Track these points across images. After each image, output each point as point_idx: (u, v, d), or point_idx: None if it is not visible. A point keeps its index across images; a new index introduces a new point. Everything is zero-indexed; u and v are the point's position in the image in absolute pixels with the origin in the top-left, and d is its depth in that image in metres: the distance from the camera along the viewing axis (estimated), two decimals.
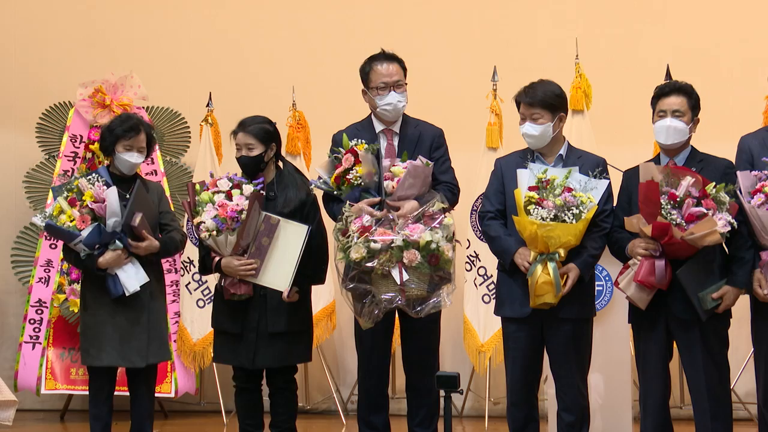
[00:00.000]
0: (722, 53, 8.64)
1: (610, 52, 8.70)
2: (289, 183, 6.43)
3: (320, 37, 9.28)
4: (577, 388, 5.94)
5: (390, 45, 6.43)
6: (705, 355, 5.80)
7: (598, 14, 8.95)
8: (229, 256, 6.21)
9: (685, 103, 5.89)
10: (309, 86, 8.80)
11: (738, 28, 8.74)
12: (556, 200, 5.68)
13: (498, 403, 8.19)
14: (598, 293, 6.70)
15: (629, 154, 6.37)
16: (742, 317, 6.01)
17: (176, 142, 8.98)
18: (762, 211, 5.60)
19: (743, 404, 8.01)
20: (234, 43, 9.37)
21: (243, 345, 6.27)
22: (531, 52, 8.73)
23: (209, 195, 6.22)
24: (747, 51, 8.31)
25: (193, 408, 8.94)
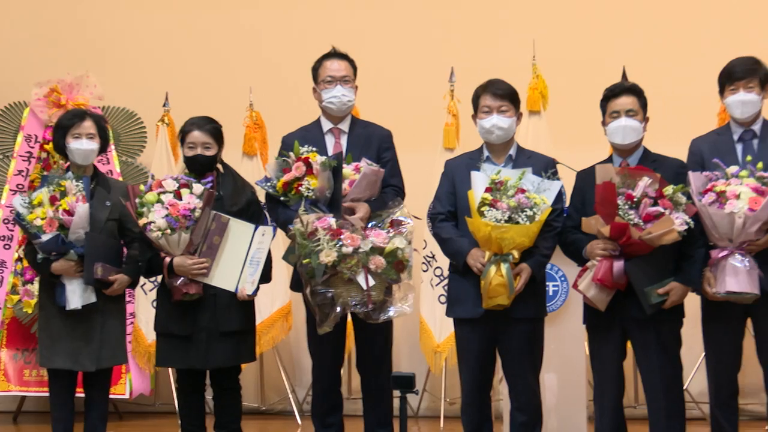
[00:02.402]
0: (676, 56, 8.70)
1: (566, 53, 8.73)
2: (233, 183, 6.43)
3: (277, 37, 9.27)
4: (530, 387, 5.96)
5: (347, 46, 6.45)
6: (660, 354, 5.84)
7: (555, 16, 8.98)
8: (181, 255, 6.19)
9: (637, 103, 5.95)
10: (266, 86, 8.79)
11: (692, 31, 8.80)
12: (509, 202, 5.69)
13: (453, 404, 8.20)
14: (553, 294, 6.75)
15: (586, 155, 6.37)
16: (696, 317, 6.05)
17: (132, 142, 8.94)
18: (713, 209, 5.65)
19: (696, 404, 8.06)
20: (191, 43, 9.34)
21: (194, 346, 6.24)
22: (488, 53, 8.74)
23: (155, 195, 6.19)
24: (700, 53, 8.36)
25: (147, 409, 8.91)
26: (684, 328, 5.96)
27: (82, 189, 6.31)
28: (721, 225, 5.67)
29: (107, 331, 6.44)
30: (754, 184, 5.67)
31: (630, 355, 6.08)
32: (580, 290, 5.82)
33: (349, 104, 6.37)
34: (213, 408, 6.52)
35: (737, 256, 5.69)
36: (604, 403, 5.98)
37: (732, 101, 5.97)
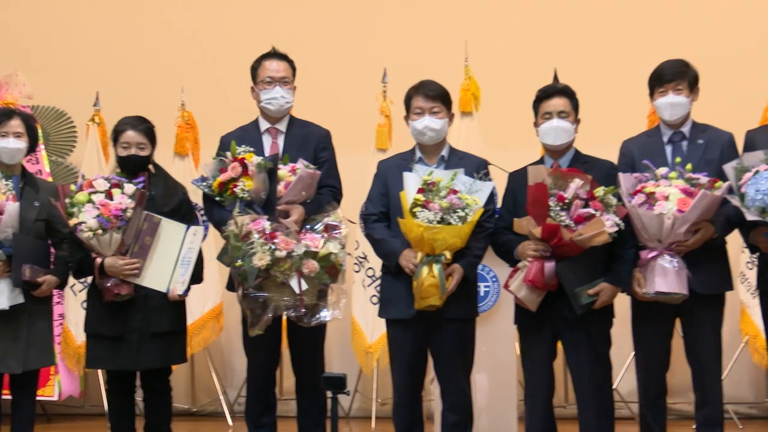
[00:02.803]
0: (607, 58, 8.78)
1: (498, 55, 8.77)
2: (165, 183, 6.40)
3: (209, 36, 9.24)
4: (461, 388, 5.98)
5: (280, 46, 6.42)
6: (590, 354, 5.88)
7: (488, 17, 9.02)
8: (112, 256, 6.14)
9: (569, 104, 5.99)
10: (198, 86, 8.75)
11: (623, 33, 8.89)
12: (441, 203, 5.70)
13: (385, 404, 8.22)
14: (485, 294, 6.78)
15: (518, 156, 6.40)
16: (625, 317, 6.11)
17: (62, 141, 8.86)
18: (642, 210, 5.71)
19: (625, 403, 8.14)
20: (122, 43, 9.28)
21: (125, 347, 6.20)
22: (421, 54, 8.77)
23: (86, 195, 6.13)
24: (630, 56, 8.44)
25: (77, 411, 8.84)
26: (613, 329, 6.00)
27: (11, 188, 6.24)
28: (650, 226, 5.72)
29: (34, 333, 6.36)
30: (683, 185, 5.73)
31: (560, 355, 6.11)
32: (512, 291, 5.84)
33: (287, 106, 6.34)
34: (143, 410, 6.48)
35: (666, 256, 5.74)
36: (534, 403, 6.01)
37: (661, 103, 6.03)
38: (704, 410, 6.02)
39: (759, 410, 8.45)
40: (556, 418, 6.09)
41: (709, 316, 5.98)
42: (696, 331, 5.98)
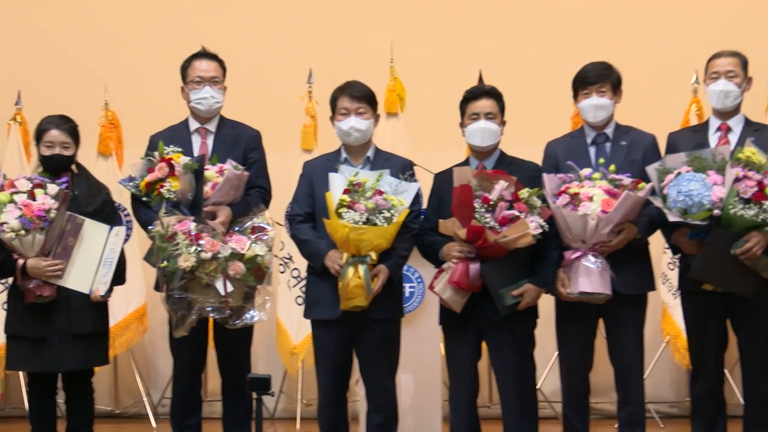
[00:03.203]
0: (532, 59, 8.84)
1: (424, 56, 8.80)
2: (88, 183, 6.34)
3: (133, 35, 9.16)
4: (386, 388, 5.99)
5: (205, 45, 6.39)
6: (514, 355, 5.91)
7: (413, 19, 9.04)
8: (35, 257, 6.07)
9: (496, 106, 6.02)
10: (122, 85, 8.68)
11: (547, 35, 8.95)
12: (367, 203, 5.71)
13: (310, 405, 8.21)
14: (410, 295, 6.78)
15: (443, 157, 6.43)
16: (549, 317, 6.15)
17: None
18: (566, 211, 5.75)
19: (549, 403, 8.19)
20: (45, 41, 9.17)
21: (47, 348, 6.12)
22: (346, 54, 8.77)
23: (8, 196, 6.06)
24: (556, 57, 8.49)
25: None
26: (537, 329, 6.05)
27: None
28: (574, 226, 5.77)
29: None
30: (607, 186, 5.78)
31: (485, 356, 6.14)
32: (436, 292, 5.85)
33: (217, 105, 6.31)
34: (65, 412, 6.41)
35: (590, 257, 5.79)
36: (458, 403, 6.04)
37: (585, 105, 6.08)
38: (626, 409, 6.07)
39: (680, 409, 8.53)
40: (480, 418, 6.12)
41: (631, 316, 6.04)
42: (618, 331, 6.04)
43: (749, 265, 5.75)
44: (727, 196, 5.63)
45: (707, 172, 5.70)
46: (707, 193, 5.63)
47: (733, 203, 5.62)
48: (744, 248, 5.69)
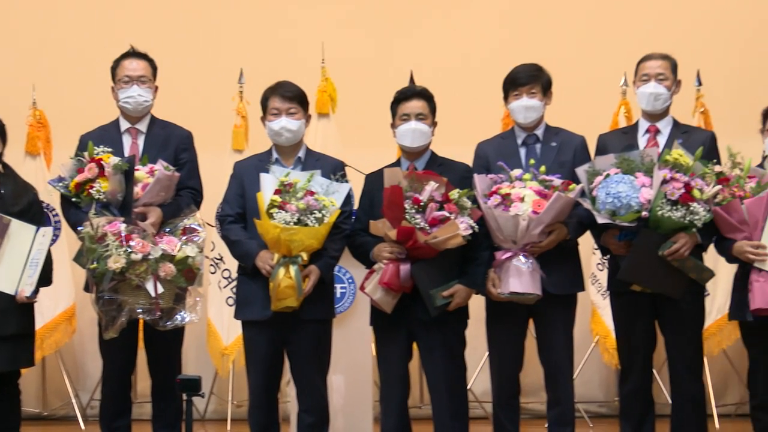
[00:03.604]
0: (463, 61, 8.87)
1: (355, 56, 8.80)
2: (15, 183, 6.26)
3: (62, 34, 9.06)
4: (317, 389, 5.98)
5: (136, 45, 6.36)
6: (445, 355, 5.93)
7: (345, 19, 9.04)
8: None
9: (427, 107, 6.03)
10: (50, 84, 8.58)
11: (478, 36, 8.99)
12: (298, 204, 5.70)
13: (241, 406, 8.17)
14: (341, 295, 6.78)
15: (374, 158, 6.44)
16: (480, 318, 6.17)
17: None
18: (497, 211, 5.77)
19: (480, 403, 8.22)
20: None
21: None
22: (277, 55, 8.75)
23: None
24: (487, 59, 8.53)
25: None
26: (468, 329, 6.07)
27: None
28: (505, 227, 5.80)
29: None
30: (538, 187, 5.82)
31: (416, 356, 6.15)
32: (367, 293, 5.85)
33: (145, 104, 6.27)
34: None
35: (521, 257, 5.82)
36: (389, 404, 6.04)
37: (515, 106, 6.11)
38: (556, 409, 6.11)
39: (609, 409, 8.60)
40: (411, 419, 6.13)
41: (561, 316, 6.08)
42: (548, 331, 6.08)
43: (677, 266, 5.82)
44: (654, 197, 5.69)
45: (635, 174, 5.76)
46: (635, 195, 5.68)
47: (661, 205, 5.68)
48: (671, 249, 5.76)
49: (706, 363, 7.06)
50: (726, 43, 8.88)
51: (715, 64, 8.48)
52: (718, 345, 8.13)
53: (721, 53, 8.79)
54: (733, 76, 8.74)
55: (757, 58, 8.77)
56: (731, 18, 8.97)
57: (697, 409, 6.14)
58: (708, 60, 8.38)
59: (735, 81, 8.71)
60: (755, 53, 8.82)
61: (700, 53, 8.43)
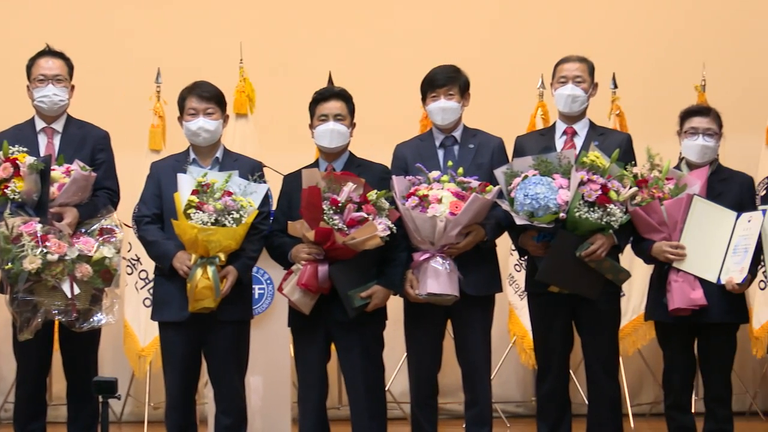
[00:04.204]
0: (381, 62, 8.88)
1: (274, 57, 8.78)
2: None
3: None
4: (235, 390, 5.96)
5: (51, 44, 6.30)
6: (362, 356, 5.93)
7: (262, 19, 9.01)
8: None
9: (345, 108, 6.04)
10: None
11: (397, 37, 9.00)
12: (216, 204, 5.68)
13: (158, 408, 8.11)
14: (259, 296, 6.77)
15: (292, 159, 6.44)
16: (398, 319, 6.18)
17: None
18: (415, 213, 5.79)
19: (398, 404, 8.23)
20: None
21: None
22: (195, 54, 8.70)
23: None
24: (405, 60, 8.54)
25: None
26: (386, 330, 6.07)
27: None
28: (423, 228, 5.81)
29: None
30: (455, 189, 5.84)
31: (334, 357, 6.15)
32: (285, 294, 5.84)
33: (61, 104, 6.21)
34: None
35: (438, 259, 5.84)
36: (307, 405, 6.03)
37: (433, 108, 6.13)
38: (474, 409, 6.13)
39: (526, 409, 8.66)
40: (330, 420, 6.13)
41: (478, 317, 6.11)
42: (466, 332, 6.10)
43: (594, 267, 5.87)
44: (572, 199, 5.73)
45: (553, 176, 5.80)
46: (553, 197, 5.72)
47: (578, 206, 5.73)
48: (589, 250, 5.81)
49: (621, 363, 7.11)
50: (641, 46, 8.99)
51: (630, 67, 8.58)
52: (634, 345, 8.21)
53: (637, 56, 8.90)
54: (648, 78, 8.84)
55: (672, 61, 8.87)
56: (646, 21, 9.08)
57: (613, 408, 6.19)
58: (623, 63, 8.48)
59: (650, 83, 8.81)
60: (670, 56, 8.92)
61: (616, 56, 8.53)
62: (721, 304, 5.92)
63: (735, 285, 5.82)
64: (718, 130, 6.13)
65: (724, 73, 8.55)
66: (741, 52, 8.90)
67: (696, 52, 8.64)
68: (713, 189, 6.02)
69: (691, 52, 8.73)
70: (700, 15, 9.04)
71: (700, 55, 8.51)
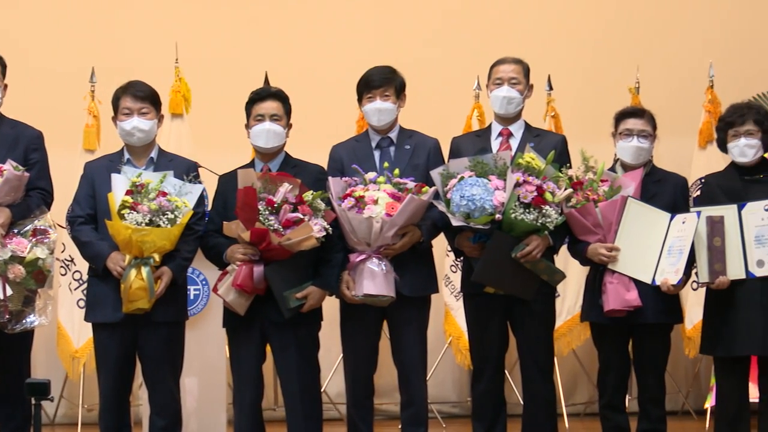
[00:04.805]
0: (317, 62, 8.88)
1: (209, 57, 8.74)
2: None
3: None
4: (169, 391, 5.94)
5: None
6: (298, 357, 5.93)
7: (198, 18, 8.97)
8: None
9: (281, 108, 6.03)
10: None
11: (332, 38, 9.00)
12: (150, 205, 5.65)
13: (92, 410, 8.05)
14: (195, 297, 6.75)
15: (228, 159, 6.42)
16: (334, 319, 6.18)
17: None
18: (351, 214, 5.79)
19: (334, 404, 8.23)
20: None
21: None
22: (131, 54, 8.64)
23: None
24: (342, 61, 8.55)
25: None
26: (322, 331, 6.08)
27: None
28: (359, 229, 5.82)
29: None
30: (391, 190, 5.85)
31: (270, 358, 6.13)
32: (220, 294, 5.82)
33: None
34: None
35: (374, 259, 5.85)
36: (242, 406, 6.01)
37: (369, 109, 6.13)
38: (409, 410, 6.15)
39: (461, 409, 8.68)
40: (265, 421, 6.12)
41: (414, 317, 6.12)
42: (402, 332, 6.11)
43: (529, 267, 5.90)
44: (507, 200, 5.76)
45: (489, 177, 5.82)
46: (489, 198, 5.74)
47: (514, 208, 5.76)
48: (524, 252, 5.84)
49: (556, 363, 7.16)
50: (576, 48, 9.04)
51: (565, 69, 8.62)
52: (568, 345, 8.27)
53: (572, 58, 8.95)
54: (583, 80, 8.91)
55: (607, 63, 8.95)
56: (582, 23, 9.14)
57: (548, 408, 6.23)
58: (559, 65, 8.52)
59: (585, 85, 8.87)
60: (605, 58, 8.99)
61: (552, 58, 8.58)
62: (656, 305, 5.98)
63: (670, 286, 5.87)
64: (652, 132, 6.18)
65: (658, 76, 8.63)
66: (675, 55, 8.99)
67: (630, 55, 8.71)
68: (647, 190, 6.08)
69: (626, 54, 8.81)
70: (634, 17, 9.13)
71: (634, 58, 8.59)
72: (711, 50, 8.70)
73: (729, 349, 5.89)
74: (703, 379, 8.59)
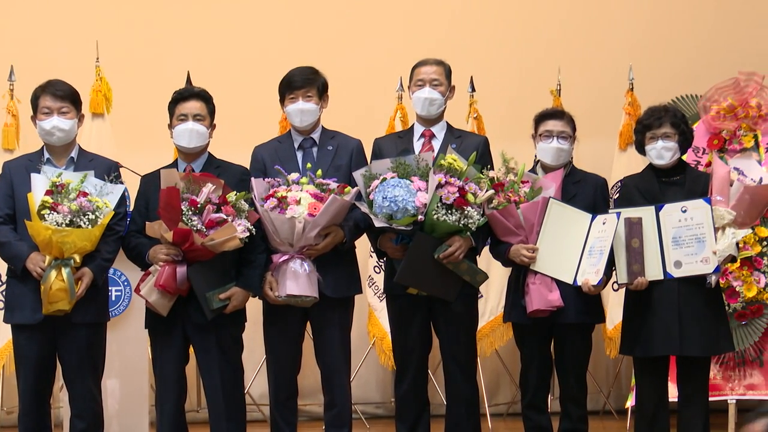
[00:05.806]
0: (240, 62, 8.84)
1: (131, 56, 8.68)
2: None
3: None
4: (90, 393, 5.89)
5: None
6: (221, 358, 5.91)
7: (119, 17, 8.89)
8: None
9: (205, 108, 6.01)
10: None
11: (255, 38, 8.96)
12: (71, 205, 5.60)
13: (11, 413, 7.95)
14: (116, 298, 6.69)
15: (150, 159, 6.38)
16: (257, 320, 6.17)
17: None
18: (274, 214, 5.79)
19: (257, 406, 8.21)
20: None
21: None
22: (50, 52, 8.55)
23: None
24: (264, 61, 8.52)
25: None
26: (245, 332, 6.06)
27: None
28: (282, 230, 5.81)
29: None
30: (314, 190, 5.86)
31: (193, 359, 6.10)
32: (142, 295, 5.79)
33: None
34: None
35: (297, 260, 5.86)
36: (165, 408, 5.98)
37: (292, 110, 6.13)
38: (333, 411, 6.16)
39: (385, 410, 8.69)
40: (188, 423, 6.10)
41: (337, 318, 6.13)
42: (325, 333, 6.11)
43: (451, 268, 5.93)
44: (430, 202, 5.78)
45: (411, 178, 5.84)
46: (411, 199, 5.76)
47: (436, 209, 5.78)
48: (446, 253, 5.86)
49: (479, 364, 7.20)
50: (499, 50, 9.08)
51: (487, 71, 8.65)
52: (491, 345, 8.30)
53: (494, 60, 8.99)
54: (505, 82, 8.94)
55: (529, 65, 8.99)
56: (503, 24, 9.18)
57: (471, 408, 6.27)
58: (481, 66, 8.56)
59: (507, 87, 8.91)
60: (527, 60, 9.04)
61: (474, 59, 8.61)
62: (577, 305, 6.03)
63: (591, 287, 5.92)
64: (572, 133, 6.24)
65: (579, 78, 8.70)
66: (595, 57, 9.06)
67: (552, 57, 8.76)
68: (568, 191, 6.13)
69: (547, 56, 8.86)
70: (556, 19, 9.18)
71: (555, 60, 8.63)
72: (631, 53, 8.77)
73: (647, 350, 5.96)
74: (624, 379, 8.67)
